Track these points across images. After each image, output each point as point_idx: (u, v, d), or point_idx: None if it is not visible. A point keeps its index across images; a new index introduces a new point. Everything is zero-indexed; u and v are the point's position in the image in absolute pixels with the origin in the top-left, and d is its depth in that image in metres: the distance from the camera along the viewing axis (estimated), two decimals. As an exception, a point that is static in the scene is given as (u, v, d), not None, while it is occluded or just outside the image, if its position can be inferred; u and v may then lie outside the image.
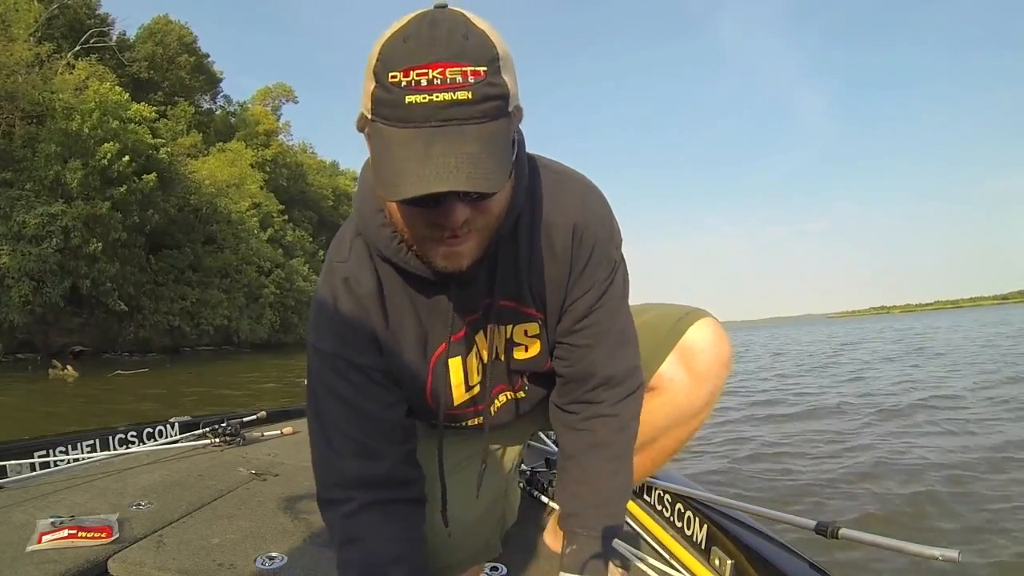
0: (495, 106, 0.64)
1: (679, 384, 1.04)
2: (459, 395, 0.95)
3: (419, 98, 0.61)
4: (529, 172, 0.81)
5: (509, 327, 0.91)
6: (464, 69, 0.61)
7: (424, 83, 0.60)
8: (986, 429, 4.49)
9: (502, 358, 0.94)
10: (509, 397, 1.02)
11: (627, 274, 0.94)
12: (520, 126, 0.74)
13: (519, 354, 0.94)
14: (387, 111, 0.63)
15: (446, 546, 1.00)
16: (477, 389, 0.96)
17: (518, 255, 0.85)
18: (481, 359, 0.93)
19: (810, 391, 7.43)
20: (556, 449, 1.70)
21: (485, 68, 0.62)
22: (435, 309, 0.86)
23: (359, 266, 0.84)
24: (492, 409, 1.00)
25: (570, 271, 0.87)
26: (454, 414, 0.98)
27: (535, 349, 0.94)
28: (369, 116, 0.66)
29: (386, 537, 0.85)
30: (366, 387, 0.85)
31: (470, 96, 0.61)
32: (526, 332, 0.92)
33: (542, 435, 2.03)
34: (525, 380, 1.01)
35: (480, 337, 0.91)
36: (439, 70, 0.60)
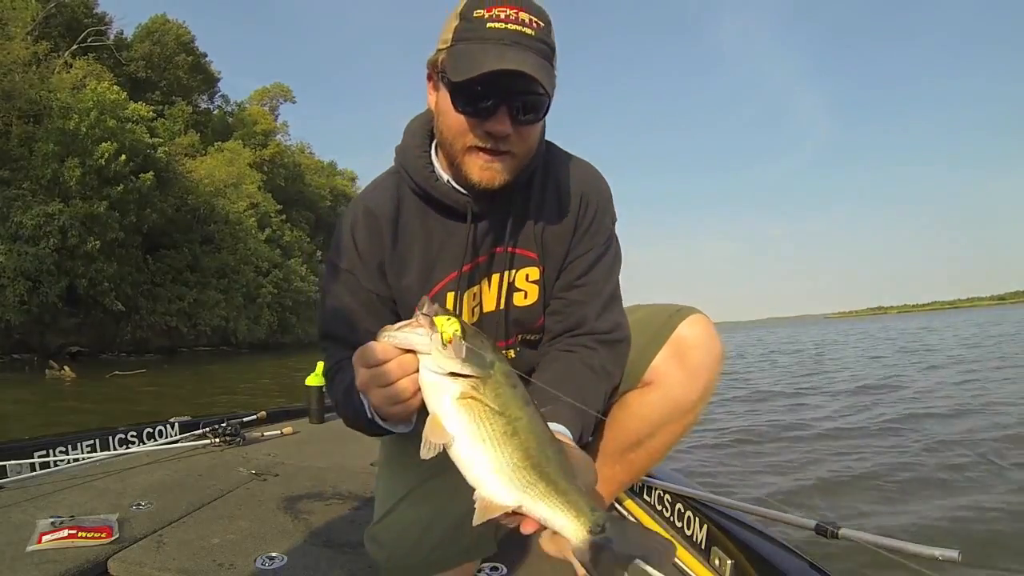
0: (547, 52, 0.85)
1: (673, 379, 1.05)
2: None
3: (498, 25, 0.82)
4: (546, 147, 1.01)
5: (513, 272, 1.01)
6: (532, 18, 0.83)
7: (503, 16, 0.82)
8: (976, 427, 4.51)
9: (502, 306, 1.02)
10: None
11: (620, 249, 1.08)
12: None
13: (519, 300, 1.03)
14: (469, 35, 0.83)
15: (433, 539, 1.01)
16: None
17: (529, 205, 1.00)
18: (481, 304, 1.03)
19: (798, 391, 7.44)
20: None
21: (545, 25, 0.85)
22: (447, 241, 0.98)
23: (383, 195, 1.01)
24: None
25: (574, 231, 1.02)
26: None
27: (533, 296, 1.03)
28: (448, 45, 0.85)
29: None
30: (368, 303, 0.98)
31: (534, 34, 0.83)
32: (527, 277, 1.02)
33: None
34: (518, 339, 1.08)
35: (484, 284, 1.01)
36: (515, 11, 0.82)
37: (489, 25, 0.81)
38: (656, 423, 1.08)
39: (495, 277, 1.01)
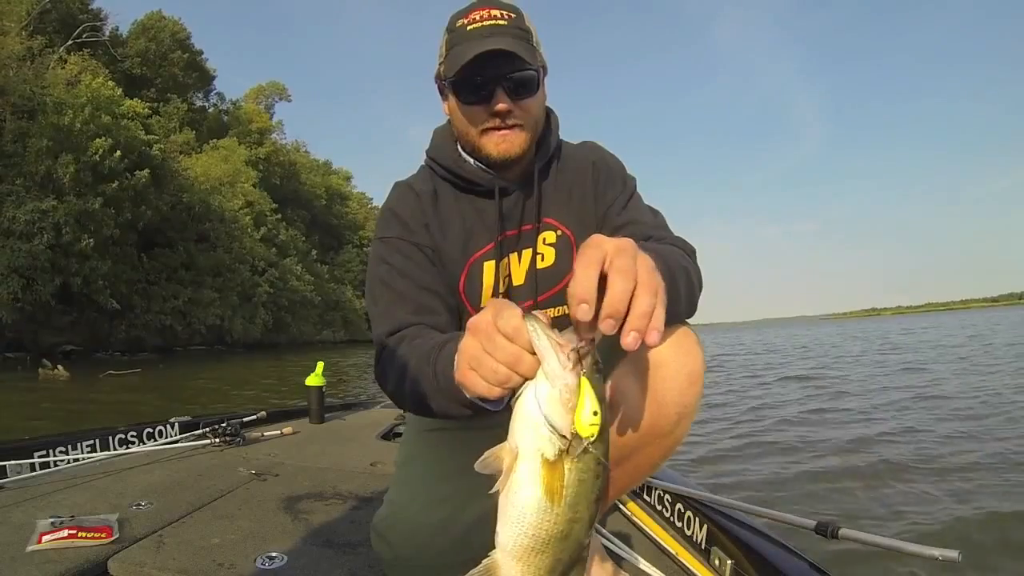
0: (522, 33, 0.99)
1: (633, 402, 0.90)
2: (487, 297, 1.08)
3: (475, 25, 0.97)
4: (559, 140, 1.14)
5: (540, 238, 1.09)
6: (502, 12, 0.99)
7: (478, 18, 0.98)
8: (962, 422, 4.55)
9: (531, 274, 1.07)
10: None
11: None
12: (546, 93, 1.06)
13: (540, 264, 1.09)
14: (456, 40, 0.98)
15: (443, 543, 1.01)
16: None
17: (550, 183, 1.11)
18: (510, 277, 1.09)
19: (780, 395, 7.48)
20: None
21: (516, 15, 1.00)
22: (479, 218, 1.08)
23: (420, 178, 1.12)
24: None
25: (595, 192, 1.11)
26: None
27: (550, 257, 1.09)
28: (443, 57, 1.00)
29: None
30: (420, 262, 1.05)
31: (507, 24, 0.98)
32: (544, 240, 1.09)
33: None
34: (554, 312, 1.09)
35: (514, 257, 1.09)
36: (487, 11, 0.98)
37: (469, 28, 0.97)
38: (626, 447, 0.94)
39: (526, 253, 1.08)
